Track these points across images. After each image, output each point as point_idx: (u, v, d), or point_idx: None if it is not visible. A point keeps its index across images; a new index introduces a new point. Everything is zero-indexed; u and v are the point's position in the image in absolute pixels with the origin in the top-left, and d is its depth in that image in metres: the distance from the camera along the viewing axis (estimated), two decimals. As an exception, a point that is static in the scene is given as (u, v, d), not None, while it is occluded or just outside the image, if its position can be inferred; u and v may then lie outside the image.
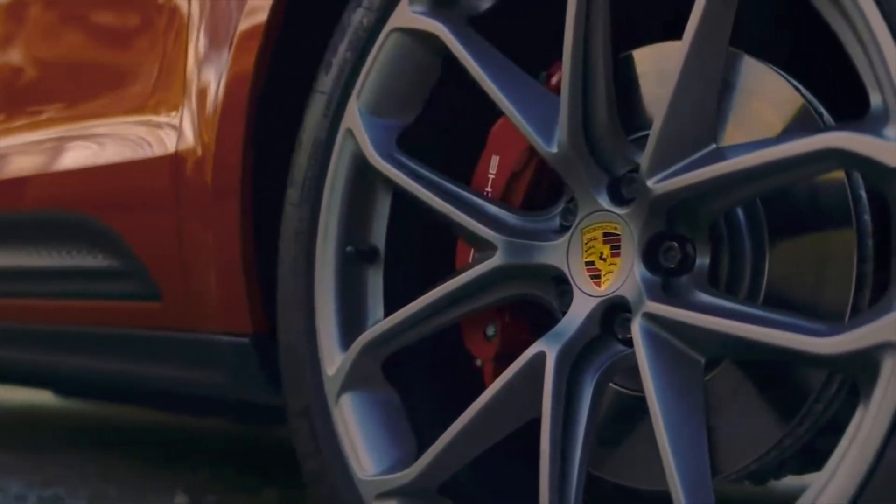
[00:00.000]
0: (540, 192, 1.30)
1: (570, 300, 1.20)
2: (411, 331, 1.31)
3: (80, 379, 2.27)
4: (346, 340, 1.36)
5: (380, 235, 1.39)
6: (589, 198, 1.18)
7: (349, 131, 1.36)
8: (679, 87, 1.07)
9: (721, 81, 1.08)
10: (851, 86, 1.15)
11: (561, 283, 1.22)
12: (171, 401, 2.69)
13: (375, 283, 1.39)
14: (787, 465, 1.27)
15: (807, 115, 1.12)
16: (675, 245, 1.13)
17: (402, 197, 1.37)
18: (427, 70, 1.34)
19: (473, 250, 1.30)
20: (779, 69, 1.14)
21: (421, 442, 1.34)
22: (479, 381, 1.34)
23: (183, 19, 1.67)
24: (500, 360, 1.30)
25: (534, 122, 1.20)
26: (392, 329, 1.31)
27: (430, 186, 1.29)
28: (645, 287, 1.12)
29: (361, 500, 1.30)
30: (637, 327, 1.10)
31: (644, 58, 1.24)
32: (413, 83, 1.35)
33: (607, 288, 1.17)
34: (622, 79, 1.22)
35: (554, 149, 1.18)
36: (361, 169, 1.37)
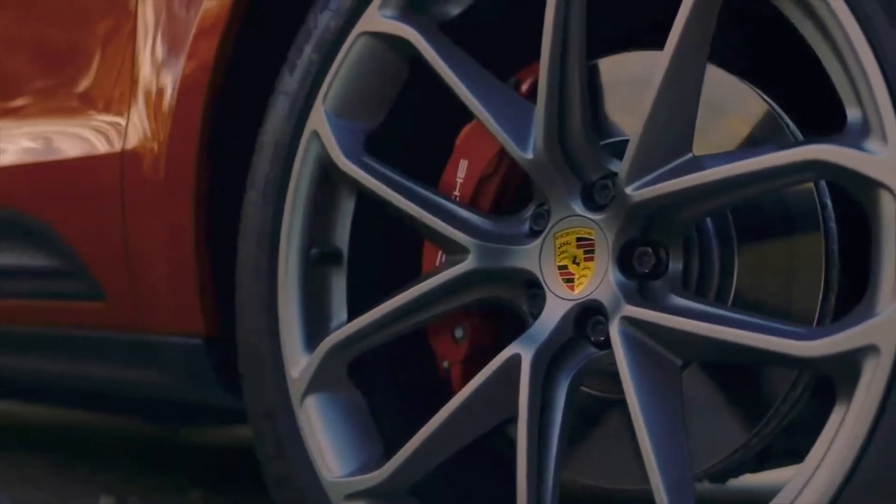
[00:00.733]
0: (507, 196, 1.32)
1: (541, 303, 1.22)
2: (379, 333, 1.31)
3: (20, 381, 2.22)
4: (310, 342, 1.36)
5: (343, 237, 1.39)
6: (562, 203, 1.21)
7: (315, 133, 1.36)
8: (659, 96, 1.10)
9: (700, 92, 1.11)
10: (812, 95, 1.21)
11: (532, 287, 1.24)
12: (78, 398, 2.64)
13: (339, 286, 1.39)
14: (747, 464, 1.32)
15: (773, 122, 1.17)
16: (650, 250, 1.16)
17: (365, 199, 1.38)
18: (395, 74, 1.35)
19: (442, 254, 1.32)
20: (741, 78, 1.19)
21: (385, 443, 1.35)
22: (442, 381, 1.36)
23: (131, 16, 1.65)
24: (468, 362, 1.31)
25: (509, 129, 1.22)
26: (360, 331, 1.31)
27: (401, 190, 1.30)
28: (621, 291, 1.15)
29: (329, 501, 1.31)
30: (616, 331, 1.13)
31: (610, 67, 1.28)
32: (380, 87, 1.35)
33: (581, 291, 1.19)
34: (590, 87, 1.25)
35: (529, 155, 1.21)
36: (326, 171, 1.37)
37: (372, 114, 1.37)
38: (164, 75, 1.57)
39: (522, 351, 1.19)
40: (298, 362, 1.36)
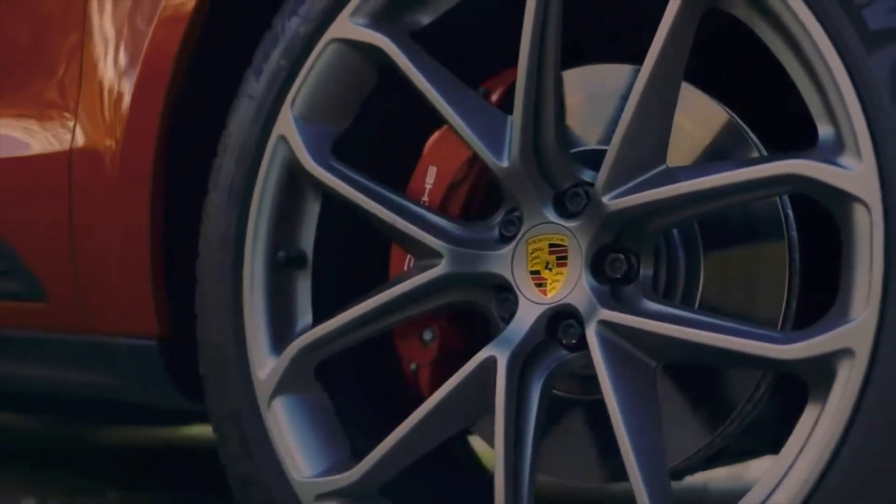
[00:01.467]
0: (476, 202, 1.36)
1: (512, 307, 1.26)
2: (349, 336, 1.33)
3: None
4: (276, 345, 1.38)
5: (308, 241, 1.41)
6: (535, 210, 1.25)
7: (283, 138, 1.38)
8: (637, 109, 1.14)
9: (675, 106, 1.16)
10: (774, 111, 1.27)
11: (503, 291, 1.28)
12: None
13: (304, 288, 1.41)
14: (699, 463, 1.38)
15: (739, 136, 1.23)
16: (622, 257, 1.20)
17: (330, 203, 1.40)
18: (363, 80, 1.37)
19: (411, 258, 1.35)
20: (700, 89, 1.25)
21: (351, 444, 1.37)
22: (408, 383, 1.38)
23: (80, 9, 1.63)
24: (437, 364, 1.35)
25: (483, 137, 1.26)
26: (330, 334, 1.33)
27: (372, 195, 1.33)
28: (596, 295, 1.19)
29: (299, 501, 1.32)
30: (593, 334, 1.17)
31: (573, 78, 1.32)
32: (349, 92, 1.37)
33: (554, 296, 1.23)
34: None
35: (504, 163, 1.24)
36: (293, 175, 1.39)
37: (339, 119, 1.38)
38: (117, 74, 1.56)
39: (497, 353, 1.22)
40: (265, 364, 1.37)
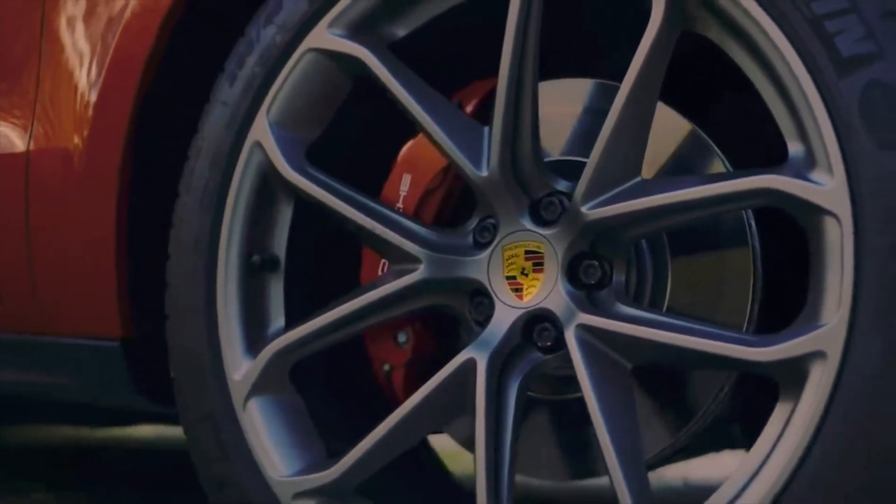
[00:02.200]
0: (447, 209, 1.40)
1: (487, 311, 1.31)
2: (326, 338, 1.37)
3: None
4: (250, 347, 1.41)
5: (281, 245, 1.44)
6: (511, 219, 1.30)
7: (258, 144, 1.41)
8: (617, 124, 1.20)
9: (652, 121, 1.23)
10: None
11: (478, 295, 1.33)
12: None
13: (276, 291, 1.44)
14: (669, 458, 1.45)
15: (706, 151, 1.30)
16: (596, 263, 1.27)
17: (301, 208, 1.43)
18: (338, 89, 1.41)
19: (385, 263, 1.39)
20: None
21: (325, 444, 1.41)
22: (378, 384, 1.42)
23: (38, 12, 1.63)
24: (411, 365, 1.39)
25: (462, 147, 1.30)
26: (306, 336, 1.37)
27: (350, 201, 1.36)
28: (573, 300, 1.25)
29: (277, 500, 1.35)
30: (572, 337, 1.23)
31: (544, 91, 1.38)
32: (324, 101, 1.41)
33: (530, 300, 1.29)
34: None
35: (484, 173, 1.29)
36: (267, 180, 1.42)
37: (313, 126, 1.42)
38: (81, 74, 1.57)
39: (477, 355, 1.27)
40: (240, 366, 1.40)
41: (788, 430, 1.12)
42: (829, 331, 1.09)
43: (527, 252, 1.30)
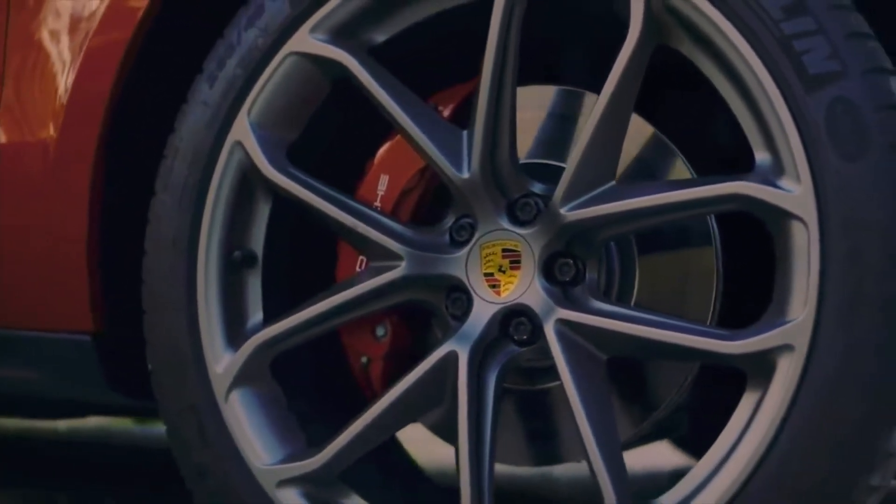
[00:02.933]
0: (422, 208, 1.47)
1: (464, 306, 1.38)
2: (307, 331, 1.42)
3: None
4: (231, 341, 1.45)
5: (259, 241, 1.49)
6: (489, 218, 1.37)
7: (238, 143, 1.45)
8: (595, 131, 1.28)
9: (627, 129, 1.31)
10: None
11: (455, 291, 1.39)
12: None
13: (254, 287, 1.48)
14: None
15: (672, 158, 1.39)
16: (570, 261, 1.34)
17: (279, 206, 1.48)
18: (317, 91, 1.45)
19: (363, 259, 1.45)
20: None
21: (305, 433, 1.46)
22: (355, 376, 1.48)
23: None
24: (388, 358, 1.45)
25: (442, 149, 1.37)
26: (288, 330, 1.42)
27: (331, 200, 1.42)
28: (550, 296, 1.33)
29: (261, 488, 1.40)
30: (552, 331, 1.31)
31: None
32: (303, 103, 1.46)
33: (507, 296, 1.36)
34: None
35: (465, 175, 1.36)
36: (246, 179, 1.46)
37: (293, 127, 1.47)
38: (53, 68, 1.58)
39: (458, 348, 1.34)
40: (221, 359, 1.44)
41: (756, 419, 1.21)
42: (796, 326, 1.18)
43: (504, 250, 1.37)
